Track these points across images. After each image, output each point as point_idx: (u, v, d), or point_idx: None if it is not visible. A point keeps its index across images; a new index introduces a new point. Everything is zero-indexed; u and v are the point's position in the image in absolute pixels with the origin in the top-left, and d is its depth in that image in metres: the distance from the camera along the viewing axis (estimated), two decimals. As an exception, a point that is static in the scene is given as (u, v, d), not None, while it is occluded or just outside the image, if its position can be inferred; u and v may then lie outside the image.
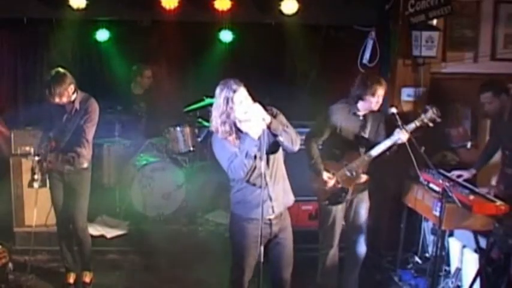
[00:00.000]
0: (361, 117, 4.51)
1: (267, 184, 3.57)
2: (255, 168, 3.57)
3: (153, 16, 5.78)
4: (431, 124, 4.44)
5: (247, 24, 6.21)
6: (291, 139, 3.53)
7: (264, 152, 3.44)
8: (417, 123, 4.42)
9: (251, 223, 3.66)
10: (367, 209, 4.66)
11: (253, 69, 6.76)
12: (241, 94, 3.48)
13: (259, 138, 3.42)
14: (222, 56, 6.97)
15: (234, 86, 3.47)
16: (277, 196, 3.68)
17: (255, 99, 3.51)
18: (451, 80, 5.74)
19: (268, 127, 3.43)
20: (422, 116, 4.43)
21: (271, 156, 3.62)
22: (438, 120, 4.44)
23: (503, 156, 4.89)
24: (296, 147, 3.59)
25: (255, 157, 3.49)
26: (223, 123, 3.52)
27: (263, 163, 3.47)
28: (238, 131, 3.58)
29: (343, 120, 4.49)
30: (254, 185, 3.63)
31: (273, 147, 3.60)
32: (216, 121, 3.55)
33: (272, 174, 3.65)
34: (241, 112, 3.48)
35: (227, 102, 3.46)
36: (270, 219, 3.68)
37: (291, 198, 3.84)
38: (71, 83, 4.55)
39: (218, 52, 6.99)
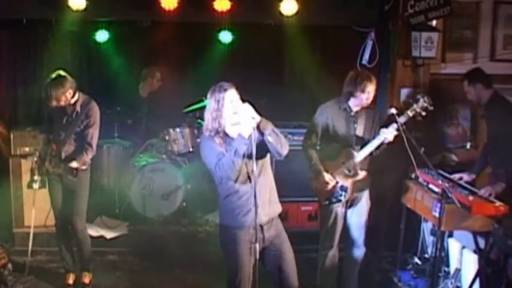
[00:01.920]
0: (352, 113, 4.52)
1: (254, 188, 3.51)
2: (240, 173, 3.55)
3: (153, 17, 5.78)
4: (423, 113, 4.46)
5: (246, 25, 6.20)
6: (280, 141, 3.53)
7: (254, 150, 3.42)
8: (409, 113, 4.44)
9: (242, 230, 3.63)
10: (368, 210, 4.66)
11: (252, 70, 6.74)
12: (232, 94, 3.55)
13: (249, 137, 3.43)
14: (221, 56, 6.96)
15: (225, 86, 3.57)
16: (263, 204, 3.62)
17: (244, 101, 3.54)
18: (450, 80, 5.74)
19: (258, 126, 3.44)
20: (414, 105, 4.45)
21: (259, 163, 3.58)
22: (430, 108, 4.44)
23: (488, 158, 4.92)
24: (284, 152, 3.58)
25: (244, 156, 3.47)
26: (214, 119, 3.56)
27: (253, 163, 3.45)
28: (227, 136, 3.59)
29: (334, 117, 4.50)
30: (240, 190, 3.60)
31: (261, 150, 3.56)
32: (207, 119, 3.61)
33: (258, 182, 3.59)
34: (230, 112, 3.52)
35: (218, 101, 3.54)
36: (261, 225, 3.63)
37: (277, 208, 3.79)
38: (70, 87, 4.54)
39: (218, 53, 6.99)
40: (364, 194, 4.65)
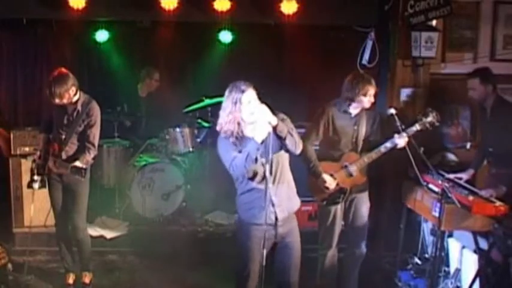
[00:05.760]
0: (353, 116, 4.52)
1: (269, 189, 3.56)
2: (257, 171, 3.59)
3: (153, 17, 5.77)
4: (430, 128, 4.48)
5: (246, 25, 6.21)
6: (295, 143, 3.58)
7: (270, 156, 3.46)
8: (418, 127, 4.46)
9: (255, 226, 3.68)
10: (367, 210, 4.66)
11: (252, 70, 6.74)
12: (250, 95, 3.52)
13: (262, 142, 3.44)
14: (221, 56, 6.96)
15: (243, 87, 3.53)
16: (280, 201, 3.67)
17: (263, 102, 3.54)
18: (450, 80, 5.75)
19: (274, 129, 3.46)
20: (424, 119, 4.47)
21: (275, 160, 3.61)
22: (437, 124, 4.49)
23: (486, 154, 4.93)
24: (298, 151, 3.65)
25: (256, 160, 3.49)
26: (229, 122, 3.55)
27: (267, 167, 3.50)
28: (242, 134, 3.60)
29: (335, 119, 4.50)
30: (256, 188, 3.64)
31: (277, 148, 3.61)
32: (223, 120, 3.59)
33: (275, 179, 3.65)
34: (247, 113, 3.51)
35: (235, 103, 3.51)
36: (275, 222, 3.68)
37: (295, 204, 3.84)
38: (72, 84, 4.55)
39: (218, 53, 6.99)
40: (364, 194, 4.65)
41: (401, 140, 4.38)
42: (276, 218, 3.67)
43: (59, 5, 5.37)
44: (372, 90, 4.41)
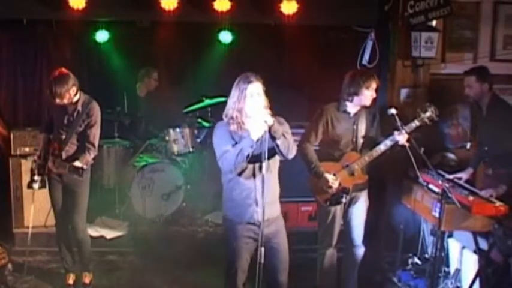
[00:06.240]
0: (351, 115, 4.52)
1: (256, 187, 3.60)
2: (246, 168, 3.61)
3: (153, 17, 5.77)
4: (429, 123, 4.48)
5: (246, 25, 6.21)
6: (288, 146, 3.60)
7: (265, 155, 3.47)
8: (417, 122, 4.48)
9: (240, 224, 3.70)
10: (366, 209, 4.66)
11: (252, 70, 6.71)
12: (255, 87, 3.57)
13: (257, 140, 3.45)
14: (221, 56, 6.96)
15: (251, 78, 3.59)
16: (264, 203, 3.64)
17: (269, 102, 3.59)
18: (450, 80, 5.75)
19: (269, 129, 3.46)
20: (422, 115, 4.48)
21: (266, 162, 3.60)
22: (436, 119, 4.49)
23: (483, 154, 4.92)
24: (290, 156, 3.66)
25: (247, 156, 3.51)
26: (234, 109, 3.61)
27: (264, 165, 3.50)
28: (242, 125, 3.62)
29: (334, 119, 4.50)
30: (243, 185, 3.66)
31: (270, 152, 3.60)
32: (228, 106, 3.65)
33: (264, 180, 3.62)
34: (248, 105, 3.56)
35: (241, 91, 3.57)
36: (259, 222, 3.66)
37: (276, 211, 3.82)
38: (73, 84, 4.55)
39: (218, 53, 6.99)
40: (363, 193, 4.64)
41: (401, 137, 4.37)
42: (257, 218, 3.66)
43: (59, 5, 5.37)
44: (374, 84, 4.43)
